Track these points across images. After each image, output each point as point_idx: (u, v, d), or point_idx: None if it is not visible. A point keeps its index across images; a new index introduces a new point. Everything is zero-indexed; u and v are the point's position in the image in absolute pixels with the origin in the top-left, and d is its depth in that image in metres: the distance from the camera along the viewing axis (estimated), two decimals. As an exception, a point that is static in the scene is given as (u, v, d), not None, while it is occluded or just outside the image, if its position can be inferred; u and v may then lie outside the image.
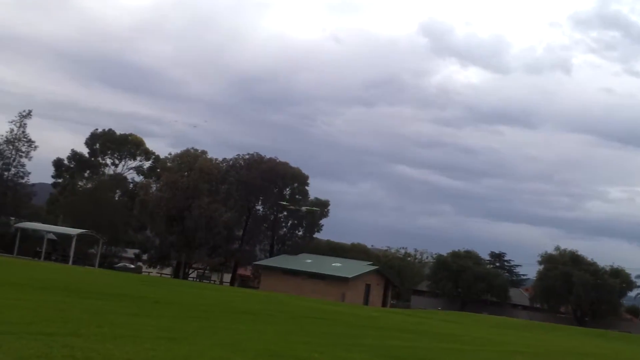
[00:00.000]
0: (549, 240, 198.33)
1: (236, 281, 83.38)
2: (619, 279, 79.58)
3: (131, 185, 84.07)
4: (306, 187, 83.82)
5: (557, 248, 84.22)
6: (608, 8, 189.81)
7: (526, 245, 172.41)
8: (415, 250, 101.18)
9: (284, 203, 76.33)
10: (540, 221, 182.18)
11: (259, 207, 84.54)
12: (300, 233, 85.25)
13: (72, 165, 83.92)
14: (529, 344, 28.39)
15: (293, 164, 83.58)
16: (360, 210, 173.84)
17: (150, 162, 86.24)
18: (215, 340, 12.51)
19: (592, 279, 76.96)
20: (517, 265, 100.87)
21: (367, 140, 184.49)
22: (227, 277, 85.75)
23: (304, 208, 76.99)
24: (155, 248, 79.62)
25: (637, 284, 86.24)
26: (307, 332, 17.99)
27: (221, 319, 18.07)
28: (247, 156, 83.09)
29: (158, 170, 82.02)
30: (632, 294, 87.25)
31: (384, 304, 67.93)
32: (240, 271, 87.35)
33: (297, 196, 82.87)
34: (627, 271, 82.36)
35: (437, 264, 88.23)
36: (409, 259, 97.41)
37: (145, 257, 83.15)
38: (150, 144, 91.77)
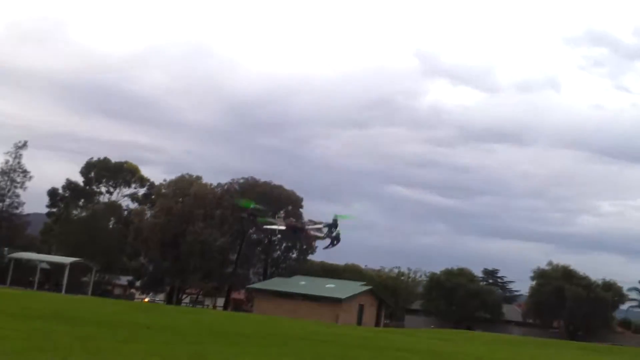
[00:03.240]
0: (542, 256, 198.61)
1: (230, 305, 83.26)
2: (611, 292, 79.84)
3: (126, 213, 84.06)
4: (300, 209, 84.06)
5: (550, 263, 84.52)
6: (596, 26, 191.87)
7: (519, 261, 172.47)
8: (409, 269, 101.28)
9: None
10: (533, 237, 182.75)
11: (253, 231, 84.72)
12: (294, 255, 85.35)
13: (66, 195, 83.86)
14: (523, 359, 28.67)
15: (287, 187, 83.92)
16: (355, 231, 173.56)
17: (145, 189, 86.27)
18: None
19: (584, 293, 77.19)
20: (511, 282, 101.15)
21: (361, 161, 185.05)
22: (220, 301, 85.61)
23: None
24: (149, 274, 79.58)
25: (629, 297, 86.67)
26: (301, 354, 18.22)
27: (213, 343, 18.28)
28: (241, 180, 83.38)
29: (153, 196, 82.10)
30: (624, 307, 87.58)
31: (377, 324, 67.95)
32: (234, 295, 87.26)
33: (291, 218, 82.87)
34: (619, 284, 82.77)
35: (430, 282, 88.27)
36: (402, 278, 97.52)
37: (138, 283, 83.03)
38: (146, 171, 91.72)
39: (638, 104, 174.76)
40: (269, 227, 21.96)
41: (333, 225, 19.87)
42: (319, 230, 21.41)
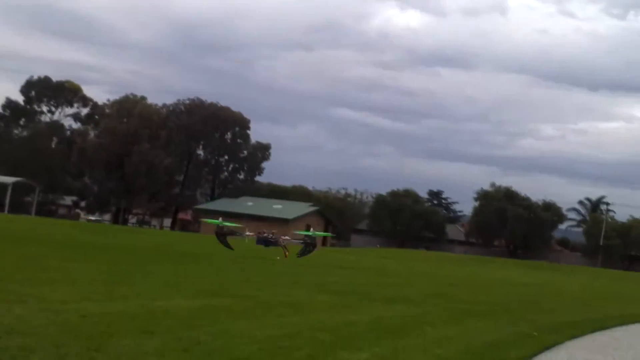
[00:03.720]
0: (485, 178, 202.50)
1: (177, 226, 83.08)
2: (550, 212, 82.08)
3: (68, 133, 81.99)
4: (248, 131, 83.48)
5: (493, 185, 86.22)
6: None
7: (463, 183, 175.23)
8: (356, 191, 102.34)
9: None
10: (477, 159, 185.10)
11: (200, 152, 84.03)
12: (242, 176, 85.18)
13: (6, 114, 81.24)
14: (464, 276, 29.36)
15: (234, 109, 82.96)
16: (302, 153, 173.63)
17: (88, 109, 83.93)
18: (154, 281, 12.57)
19: (525, 214, 79.22)
20: (454, 203, 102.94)
21: (308, 84, 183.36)
22: (167, 222, 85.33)
23: None
24: (94, 195, 78.56)
25: (568, 217, 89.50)
26: (248, 272, 18.18)
27: (161, 262, 18.10)
28: (187, 101, 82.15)
29: (96, 117, 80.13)
30: (563, 226, 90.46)
31: (324, 244, 68.80)
32: (181, 216, 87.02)
33: (238, 140, 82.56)
34: (558, 205, 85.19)
35: (376, 203, 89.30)
36: (349, 199, 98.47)
37: (83, 204, 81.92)
38: (88, 91, 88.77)
39: (582, 29, 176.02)
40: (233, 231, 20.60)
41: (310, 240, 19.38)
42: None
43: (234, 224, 19.93)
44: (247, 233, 18.76)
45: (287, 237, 15.68)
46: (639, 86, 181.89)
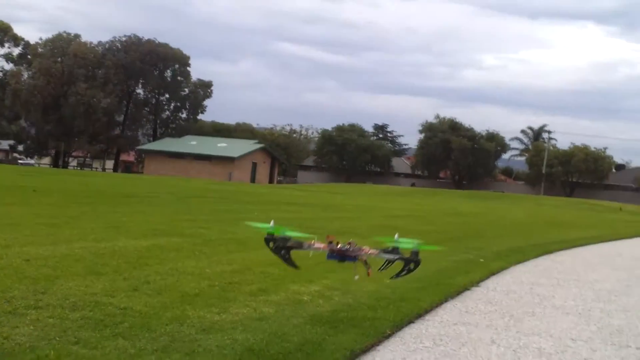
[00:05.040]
0: (429, 110, 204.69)
1: (119, 167, 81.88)
2: (494, 142, 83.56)
3: (1, 74, 79.17)
4: (188, 69, 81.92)
5: (437, 116, 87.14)
6: None
7: (408, 116, 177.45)
8: (301, 127, 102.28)
9: None
10: (420, 91, 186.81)
11: (140, 91, 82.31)
12: (184, 115, 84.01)
13: None
14: (411, 208, 29.76)
15: (173, 45, 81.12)
16: (245, 90, 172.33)
17: (19, 48, 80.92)
18: (98, 223, 12.31)
19: (469, 144, 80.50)
20: (400, 136, 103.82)
21: (248, 18, 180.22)
22: (109, 164, 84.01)
23: None
24: (31, 138, 76.57)
25: (511, 146, 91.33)
26: (194, 211, 18.02)
27: (104, 204, 17.76)
28: (124, 39, 79.97)
29: (29, 57, 77.39)
30: (506, 156, 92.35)
31: (270, 181, 68.83)
32: (124, 157, 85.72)
33: (179, 78, 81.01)
34: (501, 135, 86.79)
35: (322, 138, 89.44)
36: (294, 135, 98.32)
37: (21, 147, 79.86)
38: (19, 30, 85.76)
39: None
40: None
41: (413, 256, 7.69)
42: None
43: (300, 234, 7.91)
44: (317, 245, 7.15)
45: (372, 251, 7.65)
46: (578, 14, 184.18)
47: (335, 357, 4.77)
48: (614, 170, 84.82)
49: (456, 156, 79.92)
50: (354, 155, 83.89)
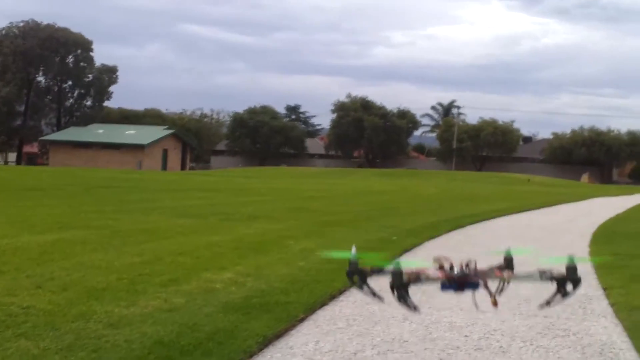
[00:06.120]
0: (341, 89, 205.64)
1: (23, 160, 78.85)
2: (405, 119, 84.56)
3: None
4: (91, 54, 79.42)
5: (349, 95, 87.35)
6: None
7: (320, 96, 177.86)
8: (212, 111, 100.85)
9: None
10: (331, 71, 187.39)
11: (41, 79, 79.39)
12: (89, 103, 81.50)
13: None
14: (326, 189, 29.91)
15: (74, 30, 78.39)
16: (152, 75, 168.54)
17: None
18: (-1, 219, 11.81)
19: (381, 123, 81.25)
20: (312, 116, 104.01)
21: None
22: (12, 157, 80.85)
23: None
24: None
25: (422, 123, 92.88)
26: (102, 201, 17.54)
27: (6, 199, 17.06)
28: (21, 24, 76.74)
29: None
30: (418, 133, 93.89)
31: (183, 168, 67.85)
32: (27, 149, 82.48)
33: (81, 64, 78.45)
34: (412, 111, 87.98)
35: (234, 122, 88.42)
36: (205, 119, 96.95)
37: None
38: None
39: None
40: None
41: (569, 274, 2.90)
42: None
43: (416, 262, 3.57)
44: (434, 273, 3.08)
45: (506, 273, 3.07)
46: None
47: (247, 344, 4.70)
48: (521, 142, 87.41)
49: (369, 135, 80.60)
50: (266, 137, 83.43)
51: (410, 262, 2.01)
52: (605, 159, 76.18)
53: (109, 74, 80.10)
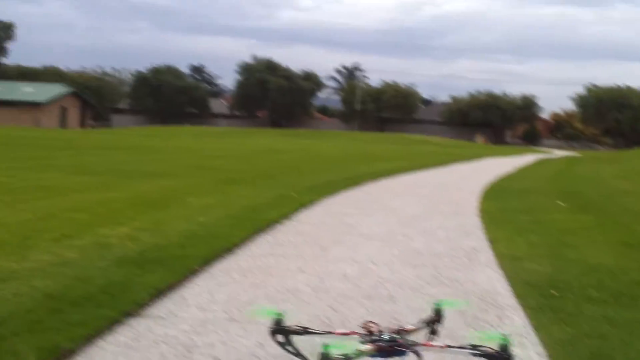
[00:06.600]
0: (247, 51, 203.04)
1: None
2: (310, 81, 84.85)
3: None
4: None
5: (254, 57, 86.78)
6: None
7: (225, 57, 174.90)
8: (114, 69, 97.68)
9: None
10: (238, 32, 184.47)
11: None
12: (-17, 59, 77.65)
13: None
14: (229, 148, 29.72)
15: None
16: (52, 32, 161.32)
17: None
18: None
19: (286, 84, 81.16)
20: (217, 77, 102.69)
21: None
22: None
23: None
24: None
25: (326, 85, 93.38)
26: (-4, 159, 16.88)
27: None
28: None
29: None
30: (323, 95, 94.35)
31: (82, 126, 65.80)
32: None
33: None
34: (317, 74, 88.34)
35: (136, 81, 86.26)
36: (107, 78, 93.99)
37: None
38: None
39: None
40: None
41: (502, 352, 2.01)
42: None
43: (345, 345, 1.97)
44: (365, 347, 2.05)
45: (435, 343, 2.09)
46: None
47: (141, 297, 4.72)
48: (422, 105, 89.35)
49: (273, 96, 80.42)
50: (170, 97, 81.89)
51: (338, 343, 1.87)
52: (500, 122, 78.95)
53: (5, 30, 76.53)
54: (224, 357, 3.70)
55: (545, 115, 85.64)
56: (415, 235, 8.16)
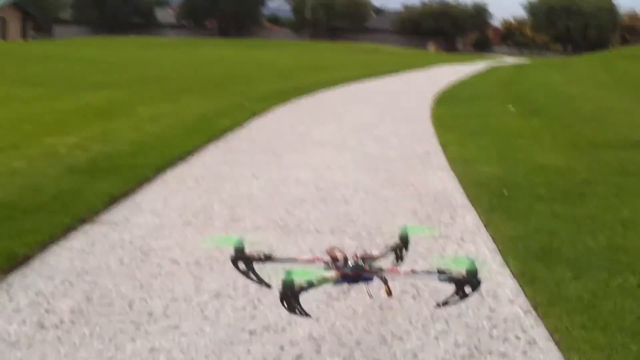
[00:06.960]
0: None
1: None
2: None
3: None
4: None
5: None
6: None
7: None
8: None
9: None
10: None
11: None
12: None
13: None
14: (176, 58, 29.11)
15: None
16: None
17: None
18: None
19: (235, -8, 79.23)
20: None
21: None
22: None
23: None
24: None
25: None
26: None
27: None
28: None
29: None
30: (273, 4, 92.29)
31: (23, 38, 63.49)
32: None
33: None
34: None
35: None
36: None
37: None
38: None
39: None
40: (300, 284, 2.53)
41: (468, 276, 2.60)
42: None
43: (310, 271, 2.82)
44: (328, 274, 2.81)
45: (403, 269, 2.87)
46: None
47: (93, 204, 4.66)
48: (373, 14, 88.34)
49: (222, 5, 78.46)
50: (114, 7, 79.22)
51: (302, 270, 1.86)
52: (452, 30, 78.83)
53: None
54: (181, 259, 3.70)
55: (496, 23, 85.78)
56: (368, 142, 8.18)
